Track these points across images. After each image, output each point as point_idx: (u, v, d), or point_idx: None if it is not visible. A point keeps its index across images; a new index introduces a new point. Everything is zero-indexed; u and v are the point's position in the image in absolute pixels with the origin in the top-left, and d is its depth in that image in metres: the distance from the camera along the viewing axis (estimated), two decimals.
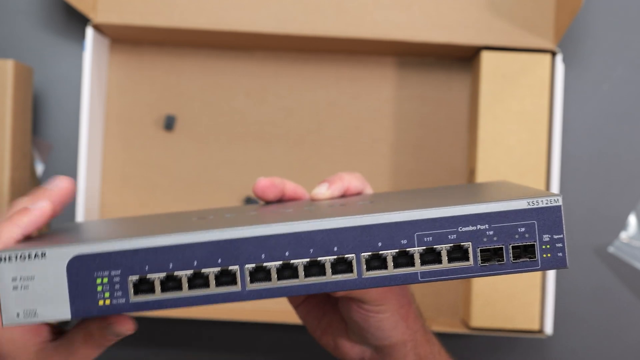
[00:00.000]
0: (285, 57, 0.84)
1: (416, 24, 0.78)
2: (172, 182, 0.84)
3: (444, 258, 0.44)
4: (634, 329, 0.84)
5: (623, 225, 0.84)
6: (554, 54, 0.78)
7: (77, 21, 0.84)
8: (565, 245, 0.44)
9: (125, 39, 0.83)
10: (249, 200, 0.83)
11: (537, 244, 0.44)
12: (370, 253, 0.44)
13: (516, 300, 0.77)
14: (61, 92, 0.84)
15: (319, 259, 0.44)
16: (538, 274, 0.78)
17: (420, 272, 0.44)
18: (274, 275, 0.44)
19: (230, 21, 0.77)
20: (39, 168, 0.84)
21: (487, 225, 0.44)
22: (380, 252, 0.44)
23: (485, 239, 0.44)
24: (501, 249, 0.44)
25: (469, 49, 0.80)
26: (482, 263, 0.44)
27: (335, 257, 0.44)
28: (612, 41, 0.85)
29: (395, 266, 0.44)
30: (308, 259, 0.44)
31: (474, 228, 0.44)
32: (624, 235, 0.83)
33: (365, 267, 0.44)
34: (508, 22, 0.78)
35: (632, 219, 0.83)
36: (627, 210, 0.84)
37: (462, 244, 0.44)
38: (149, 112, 0.84)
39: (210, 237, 0.44)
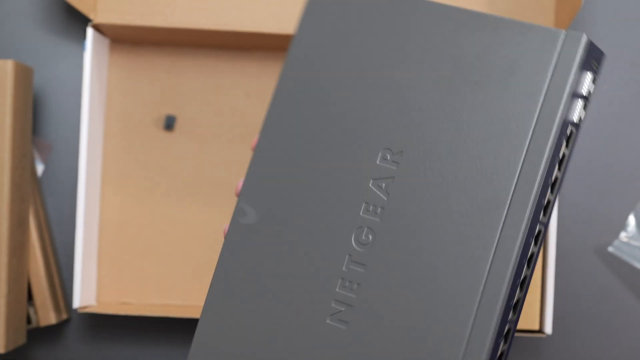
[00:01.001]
0: (285, 57, 0.84)
1: None
2: (172, 182, 0.84)
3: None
4: (634, 329, 0.84)
5: (623, 225, 0.84)
6: None
7: (77, 21, 0.84)
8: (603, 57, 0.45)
9: (125, 39, 0.83)
10: None
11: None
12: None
13: None
14: (61, 92, 0.84)
15: None
16: (537, 274, 0.78)
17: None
18: None
19: (230, 21, 0.77)
20: (39, 168, 0.84)
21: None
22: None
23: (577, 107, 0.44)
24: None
25: None
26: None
27: None
28: (612, 41, 0.84)
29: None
30: None
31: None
32: (623, 235, 0.83)
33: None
34: None
35: (632, 219, 0.83)
36: (627, 210, 0.84)
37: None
38: (149, 112, 0.84)
39: None
